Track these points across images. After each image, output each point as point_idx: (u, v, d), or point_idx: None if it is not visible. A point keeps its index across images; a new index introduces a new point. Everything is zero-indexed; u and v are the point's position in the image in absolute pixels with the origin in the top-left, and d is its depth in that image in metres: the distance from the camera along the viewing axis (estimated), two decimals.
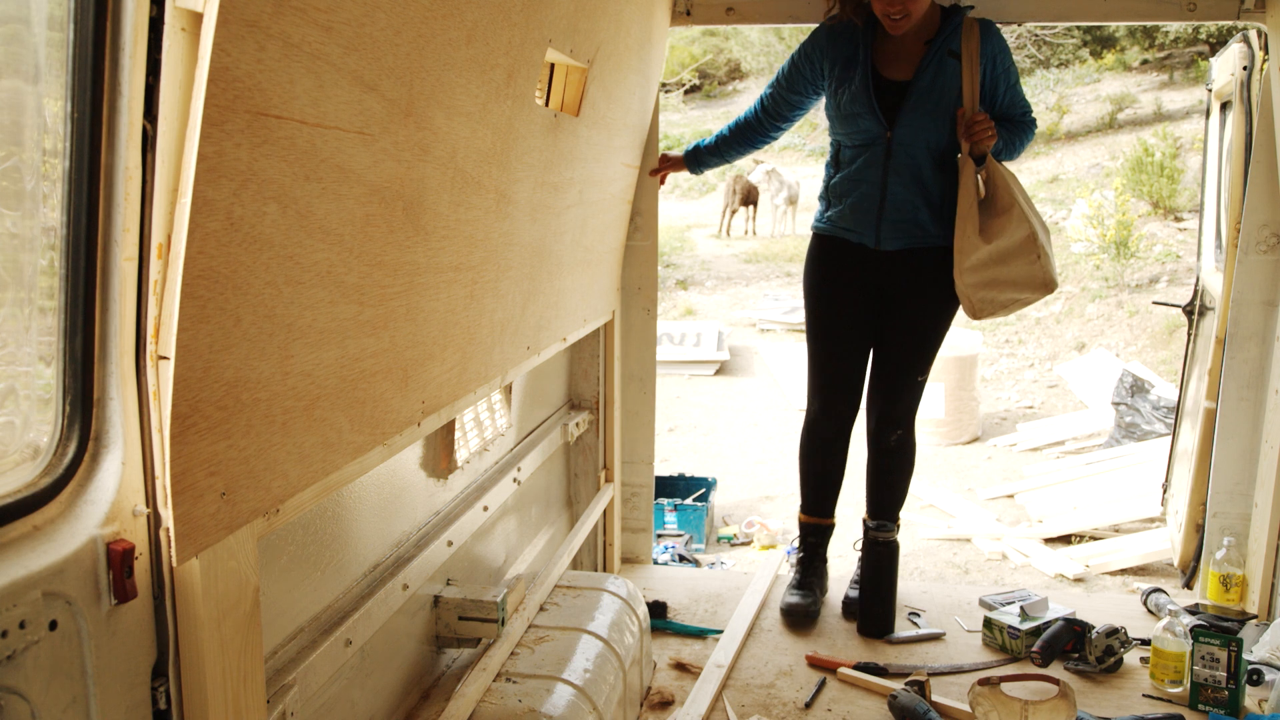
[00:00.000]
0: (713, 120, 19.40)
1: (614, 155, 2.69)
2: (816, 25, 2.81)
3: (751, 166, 15.35)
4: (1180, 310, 3.75)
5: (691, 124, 19.44)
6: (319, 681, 1.50)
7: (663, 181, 3.22)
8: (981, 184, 2.63)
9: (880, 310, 2.80)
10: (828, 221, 2.81)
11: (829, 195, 2.82)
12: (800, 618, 2.80)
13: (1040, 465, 6.20)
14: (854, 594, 2.93)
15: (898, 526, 2.99)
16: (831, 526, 3.00)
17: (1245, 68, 3.10)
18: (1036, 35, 17.39)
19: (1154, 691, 2.51)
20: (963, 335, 6.98)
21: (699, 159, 3.08)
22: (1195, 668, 2.41)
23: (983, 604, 2.97)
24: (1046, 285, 2.61)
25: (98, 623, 0.99)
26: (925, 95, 2.60)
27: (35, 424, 1.01)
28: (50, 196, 0.99)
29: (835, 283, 2.83)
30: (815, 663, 2.64)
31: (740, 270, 13.22)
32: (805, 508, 3.00)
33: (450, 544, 2.00)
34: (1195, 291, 3.67)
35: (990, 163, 2.61)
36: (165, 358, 1.00)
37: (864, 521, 2.97)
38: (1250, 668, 2.50)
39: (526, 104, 1.83)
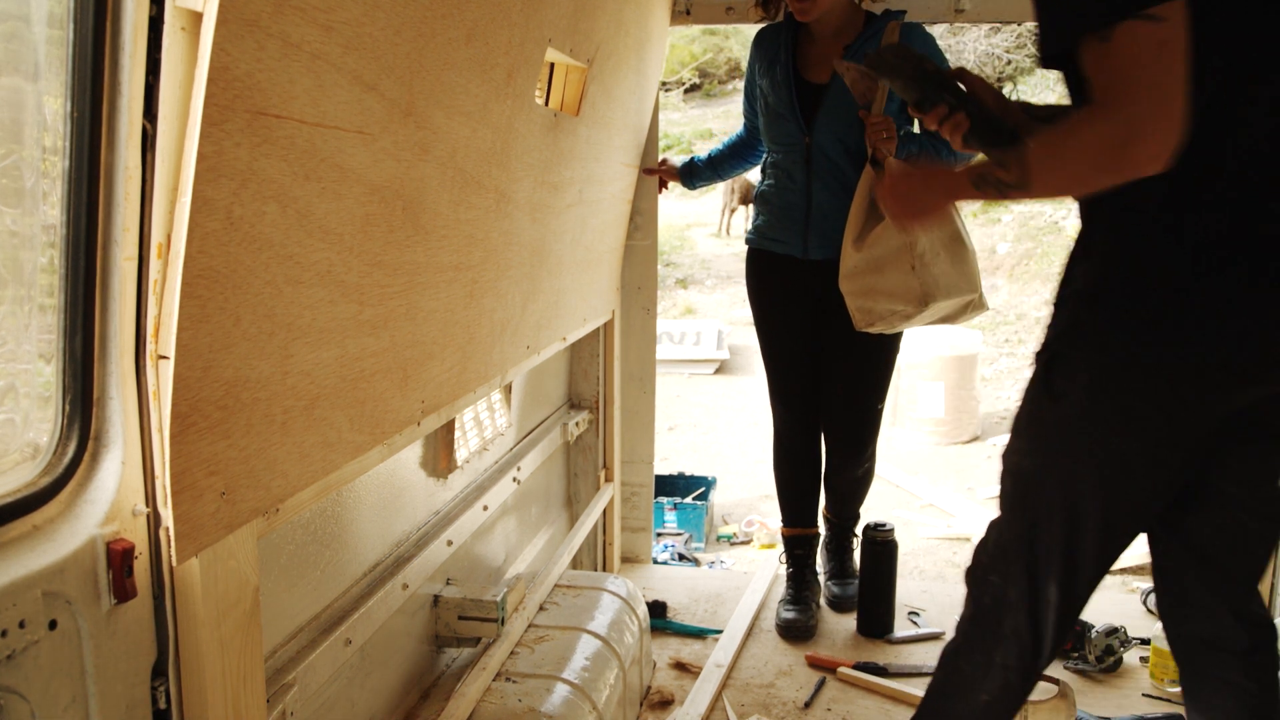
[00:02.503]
0: (713, 119, 19.40)
1: (614, 154, 2.69)
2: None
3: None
4: None
5: (691, 123, 19.44)
6: (319, 681, 1.50)
7: (663, 187, 3.21)
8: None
9: (821, 322, 2.75)
10: (755, 233, 2.80)
11: (758, 203, 2.81)
12: (799, 633, 2.80)
13: None
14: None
15: (858, 518, 3.02)
16: (816, 536, 2.98)
17: None
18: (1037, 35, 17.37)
19: (1154, 691, 2.51)
20: (963, 334, 6.98)
21: (694, 173, 3.07)
22: None
23: None
24: (923, 299, 2.40)
25: (97, 622, 0.99)
26: (839, 99, 2.55)
27: (35, 422, 1.01)
28: (50, 194, 0.99)
29: (772, 296, 2.81)
30: (815, 662, 2.64)
31: (740, 269, 13.18)
32: (786, 520, 2.98)
33: (450, 543, 2.00)
34: None
35: (887, 168, 2.44)
36: (165, 357, 1.00)
37: (826, 518, 3.02)
38: None
39: (526, 103, 1.83)
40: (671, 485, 5.07)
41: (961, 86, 1.68)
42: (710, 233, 15.42)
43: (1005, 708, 1.68)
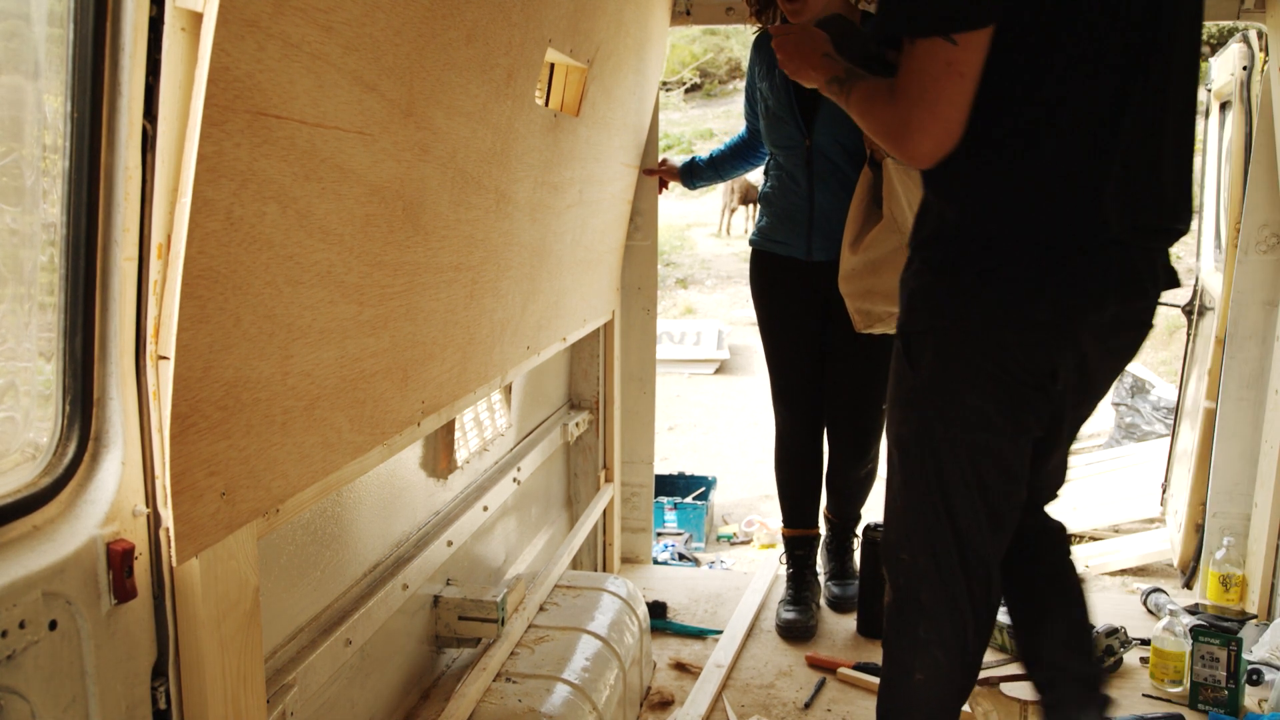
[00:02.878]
0: (713, 119, 19.38)
1: (614, 155, 2.69)
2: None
3: None
4: (1180, 310, 3.75)
5: (692, 123, 19.42)
6: (319, 681, 1.50)
7: (664, 187, 3.21)
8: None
9: (824, 323, 2.75)
10: (759, 234, 2.81)
11: (762, 205, 2.82)
12: (799, 634, 2.80)
13: None
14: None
15: (859, 519, 3.01)
16: (817, 537, 2.98)
17: (1245, 68, 3.11)
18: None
19: (1154, 691, 2.51)
20: None
21: (695, 173, 3.08)
22: (1195, 667, 2.42)
23: None
24: None
25: (97, 622, 0.99)
26: None
27: (35, 421, 1.01)
28: (50, 193, 0.99)
29: (776, 297, 2.81)
30: (815, 663, 2.64)
31: (740, 269, 13.20)
32: (786, 521, 2.98)
33: (450, 544, 2.00)
34: (1195, 291, 3.67)
35: (885, 169, 2.48)
36: (165, 358, 1.00)
37: (827, 518, 3.01)
38: (1250, 667, 2.51)
39: (526, 104, 1.83)
40: (671, 485, 5.07)
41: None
42: (710, 233, 15.42)
43: (942, 688, 1.74)
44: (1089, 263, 1.55)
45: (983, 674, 2.47)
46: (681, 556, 4.35)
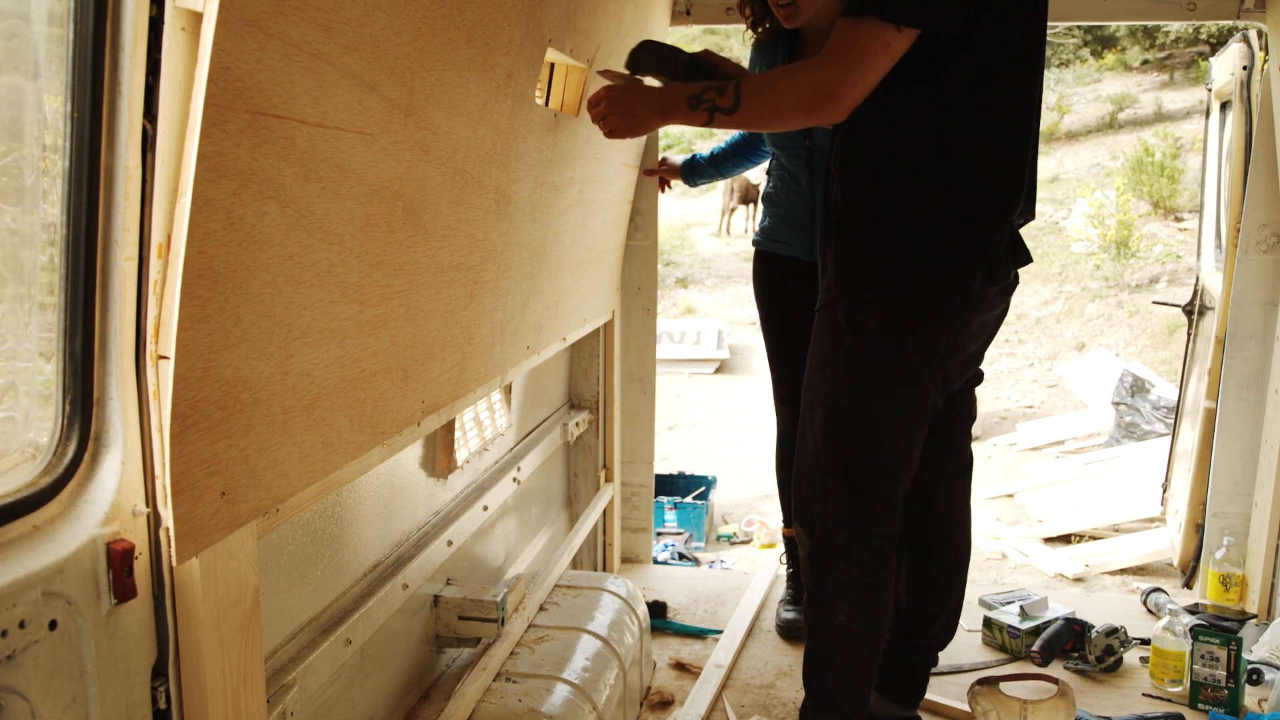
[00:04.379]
0: None
1: (614, 155, 2.69)
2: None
3: None
4: (1180, 310, 3.75)
5: None
6: (319, 681, 1.50)
7: (665, 187, 3.21)
8: None
9: None
10: (762, 234, 2.81)
11: (764, 205, 2.82)
12: (799, 634, 2.79)
13: (1040, 465, 6.21)
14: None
15: None
16: None
17: (1245, 68, 3.10)
18: None
19: (1154, 691, 2.51)
20: None
21: (696, 170, 3.07)
22: (1195, 667, 2.42)
23: (982, 603, 2.97)
24: None
25: (97, 622, 0.99)
26: None
27: (35, 420, 1.01)
28: (50, 193, 0.99)
29: (778, 298, 2.81)
30: None
31: (740, 269, 13.21)
32: (786, 521, 2.97)
33: (450, 544, 2.00)
34: (1195, 291, 3.67)
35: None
36: (165, 357, 1.00)
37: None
38: (1250, 667, 2.50)
39: (526, 104, 1.83)
40: (671, 485, 5.07)
41: (715, 66, 2.05)
42: (710, 232, 15.42)
43: (865, 624, 1.91)
44: (1002, 240, 1.83)
45: (983, 674, 2.48)
46: (681, 556, 4.35)
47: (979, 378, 2.08)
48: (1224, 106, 3.50)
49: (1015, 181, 1.82)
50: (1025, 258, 1.94)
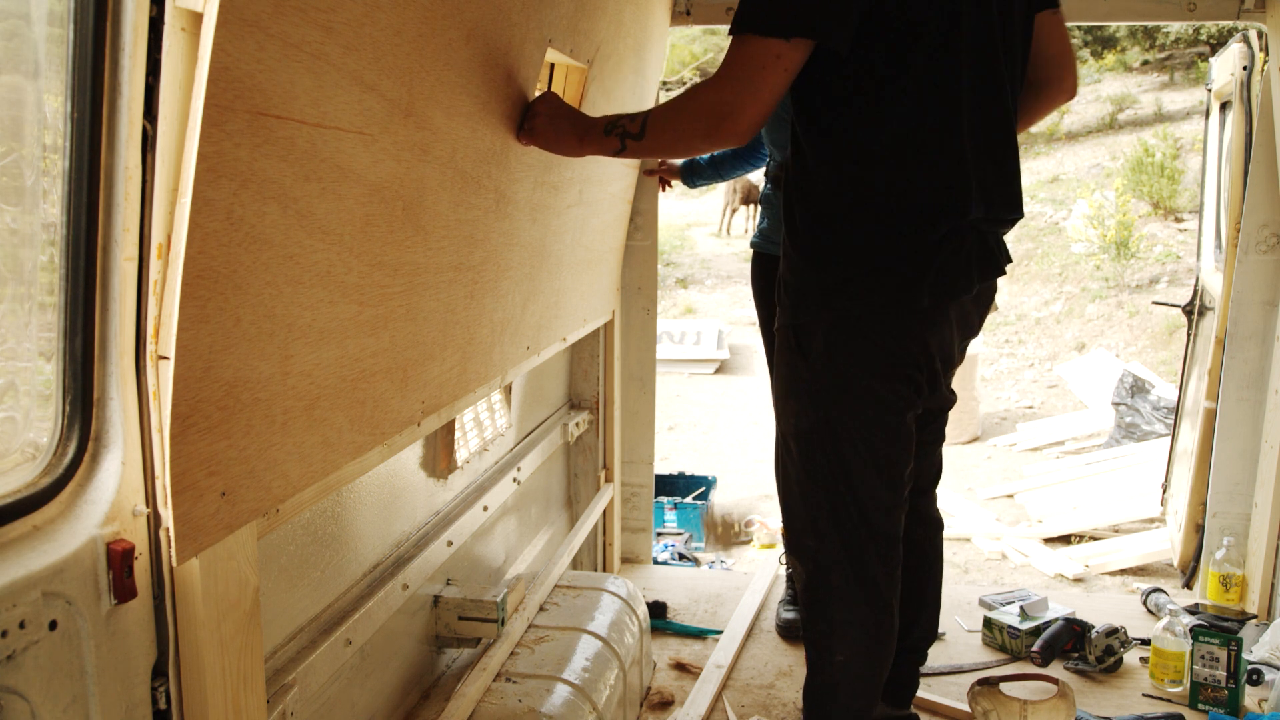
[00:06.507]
0: None
1: None
2: None
3: None
4: (1180, 310, 3.75)
5: None
6: (319, 681, 1.50)
7: (666, 186, 3.21)
8: None
9: None
10: (760, 236, 2.81)
11: (763, 206, 2.82)
12: (799, 634, 2.79)
13: (1040, 465, 6.21)
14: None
15: None
16: None
17: (1245, 68, 3.10)
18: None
19: (1154, 691, 2.51)
20: None
21: (696, 172, 3.08)
22: (1195, 667, 2.42)
23: (982, 604, 2.97)
24: None
25: (97, 622, 0.99)
26: None
27: (35, 420, 1.01)
28: (50, 193, 0.99)
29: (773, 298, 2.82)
30: None
31: (740, 269, 13.21)
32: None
33: (450, 544, 2.00)
34: (1195, 291, 3.67)
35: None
36: (165, 358, 1.00)
37: None
38: (1250, 667, 2.51)
39: (526, 104, 1.83)
40: (671, 485, 5.06)
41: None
42: (710, 232, 15.42)
43: (862, 664, 1.83)
44: (956, 249, 1.71)
45: (983, 674, 2.48)
46: (681, 556, 4.35)
47: (951, 401, 1.97)
48: (1224, 107, 3.50)
49: (951, 178, 1.68)
50: (997, 266, 1.82)
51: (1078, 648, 2.65)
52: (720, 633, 2.81)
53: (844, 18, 1.56)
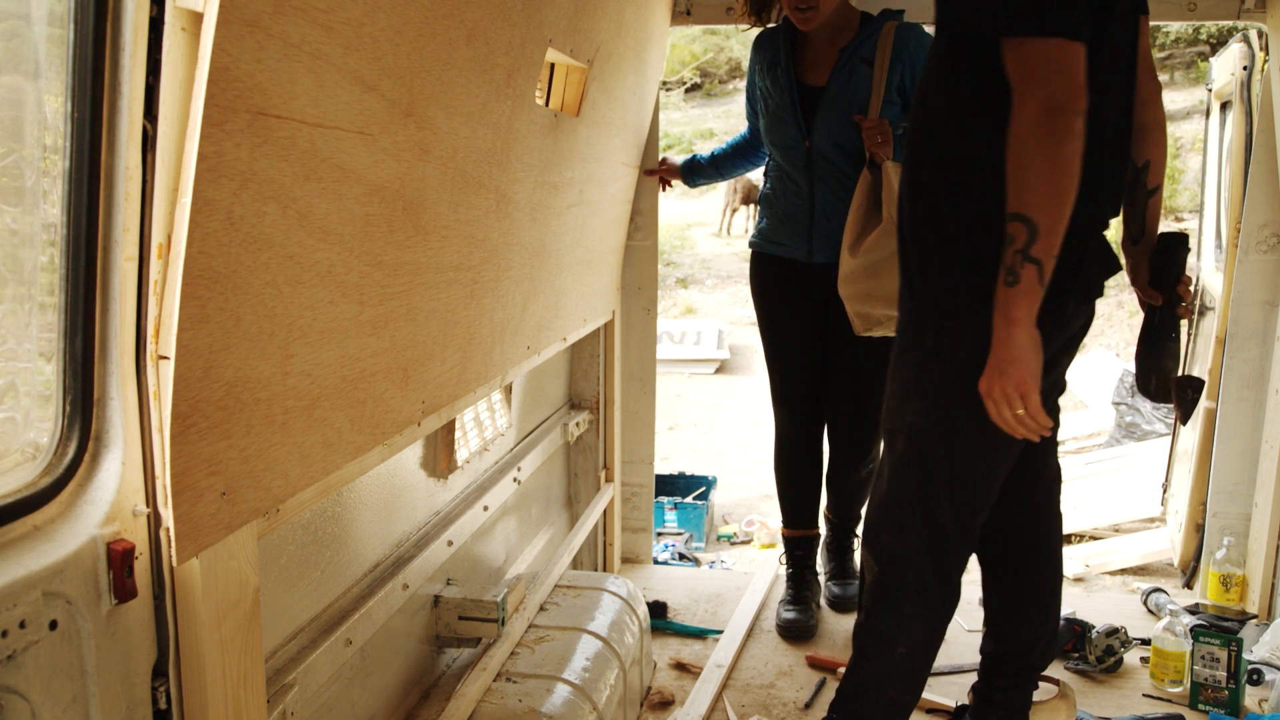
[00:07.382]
0: (713, 119, 19.38)
1: (614, 155, 2.69)
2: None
3: None
4: None
5: (692, 122, 19.42)
6: (319, 681, 1.50)
7: (667, 185, 3.21)
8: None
9: (824, 325, 2.73)
10: (759, 235, 2.80)
11: (762, 206, 2.81)
12: (799, 633, 2.80)
13: None
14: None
15: (859, 519, 2.99)
16: (817, 537, 2.97)
17: (1245, 68, 3.10)
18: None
19: (1154, 691, 2.51)
20: None
21: (696, 171, 3.07)
22: (1195, 667, 2.42)
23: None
24: None
25: (98, 622, 0.99)
26: (836, 101, 2.55)
27: (35, 421, 1.01)
28: (50, 193, 0.99)
29: (776, 300, 2.81)
30: (815, 663, 2.64)
31: (741, 269, 13.21)
32: (786, 521, 2.97)
33: (450, 544, 2.00)
34: (1195, 291, 3.67)
35: (884, 171, 2.47)
36: (165, 357, 1.00)
37: (827, 518, 3.01)
38: (1250, 667, 2.50)
39: (526, 104, 1.83)
40: (671, 485, 5.06)
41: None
42: (711, 232, 15.42)
43: (920, 659, 1.89)
44: (1094, 256, 1.74)
45: None
46: (682, 556, 4.35)
47: (1063, 387, 1.96)
48: (1224, 107, 3.50)
49: (1098, 192, 1.68)
50: (1115, 265, 1.83)
51: (1078, 648, 2.64)
52: (720, 632, 2.81)
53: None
